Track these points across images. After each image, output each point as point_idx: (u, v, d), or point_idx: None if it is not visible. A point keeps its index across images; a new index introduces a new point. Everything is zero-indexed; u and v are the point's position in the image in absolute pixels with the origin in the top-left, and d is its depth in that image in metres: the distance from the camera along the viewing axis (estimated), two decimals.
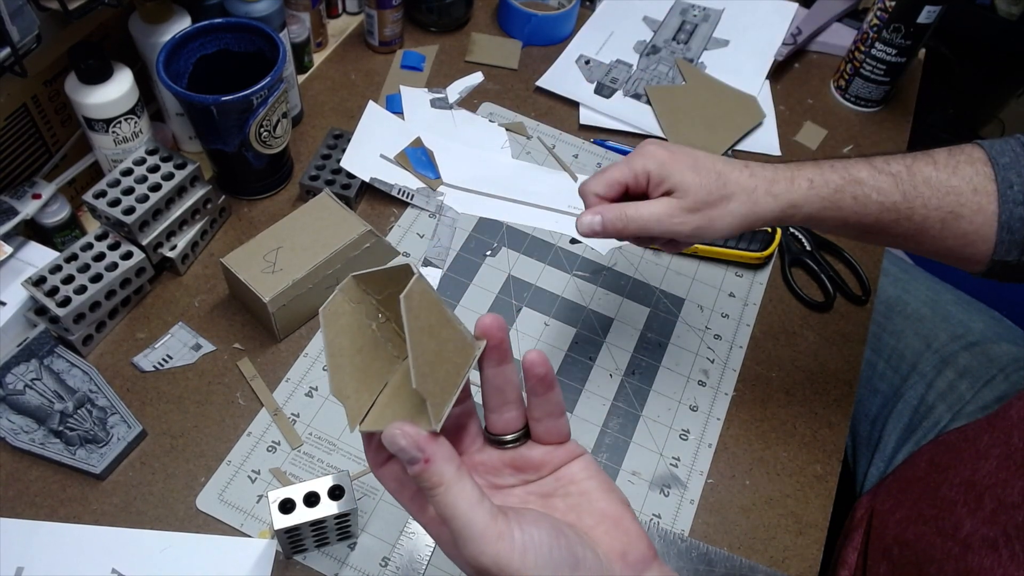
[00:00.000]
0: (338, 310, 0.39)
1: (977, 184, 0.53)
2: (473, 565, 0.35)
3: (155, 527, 0.59)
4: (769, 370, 0.73)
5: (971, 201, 0.53)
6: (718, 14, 1.04)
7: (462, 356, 0.38)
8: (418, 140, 0.84)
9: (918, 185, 0.54)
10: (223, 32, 0.72)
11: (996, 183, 0.53)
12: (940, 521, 0.57)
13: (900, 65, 0.91)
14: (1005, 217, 0.53)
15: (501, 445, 0.41)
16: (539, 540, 0.35)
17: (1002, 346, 0.79)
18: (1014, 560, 0.49)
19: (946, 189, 0.53)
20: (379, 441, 0.39)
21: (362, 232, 0.69)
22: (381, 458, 0.40)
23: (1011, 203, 0.53)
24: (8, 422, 0.61)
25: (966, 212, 0.53)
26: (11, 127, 0.67)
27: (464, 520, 0.34)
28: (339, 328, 0.39)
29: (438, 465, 0.35)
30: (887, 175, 0.54)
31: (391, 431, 0.35)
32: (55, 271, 0.65)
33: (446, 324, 0.38)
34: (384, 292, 0.41)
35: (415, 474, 0.35)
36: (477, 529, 0.34)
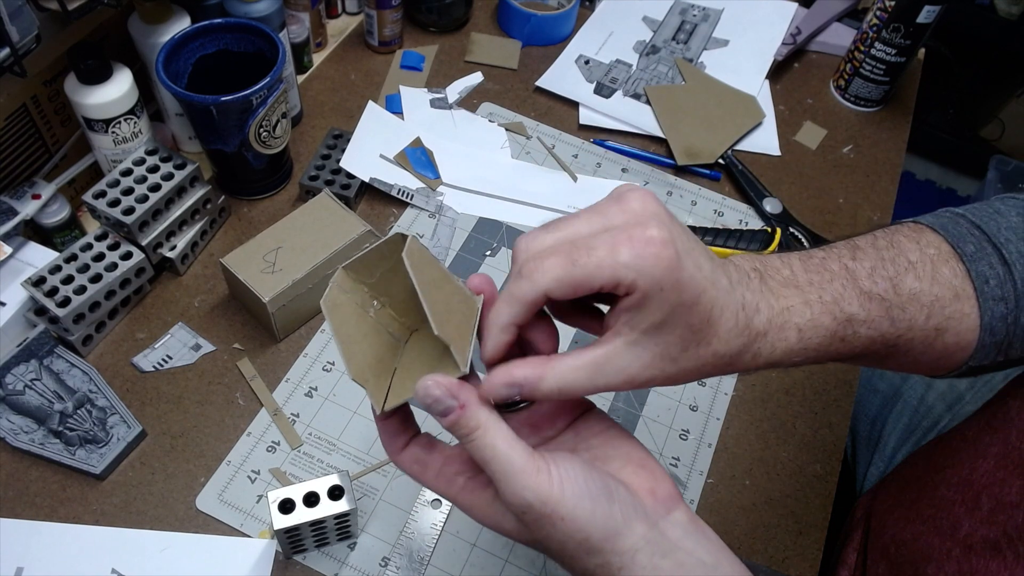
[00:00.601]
0: (336, 300, 0.40)
1: (957, 288, 0.46)
2: (516, 504, 0.36)
3: (155, 527, 0.59)
4: (769, 370, 0.73)
5: (956, 312, 0.46)
6: (718, 14, 1.04)
7: (468, 307, 0.39)
8: (418, 140, 0.84)
9: (907, 306, 0.45)
10: (223, 32, 0.72)
11: (971, 281, 0.46)
12: (938, 521, 0.57)
13: (900, 65, 0.91)
14: (987, 320, 0.46)
15: (512, 408, 0.42)
16: (574, 473, 0.36)
17: None
18: (1020, 562, 0.49)
19: (932, 302, 0.46)
20: (396, 426, 0.40)
21: (362, 232, 0.69)
22: (400, 443, 0.41)
23: (991, 301, 0.46)
24: (8, 422, 0.61)
25: (951, 325, 0.46)
26: (11, 127, 0.67)
27: (504, 458, 0.35)
28: (342, 317, 0.40)
29: (473, 409, 0.36)
30: (876, 301, 0.45)
31: (424, 383, 0.35)
32: (55, 271, 0.65)
33: (447, 280, 0.39)
34: (376, 274, 0.41)
35: (451, 423, 0.36)
36: (518, 465, 0.35)
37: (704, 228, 0.79)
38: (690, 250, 0.37)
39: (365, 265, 0.41)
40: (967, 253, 0.47)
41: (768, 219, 0.83)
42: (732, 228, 0.80)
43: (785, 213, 0.83)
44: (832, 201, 0.86)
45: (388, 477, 0.63)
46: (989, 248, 0.47)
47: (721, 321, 0.38)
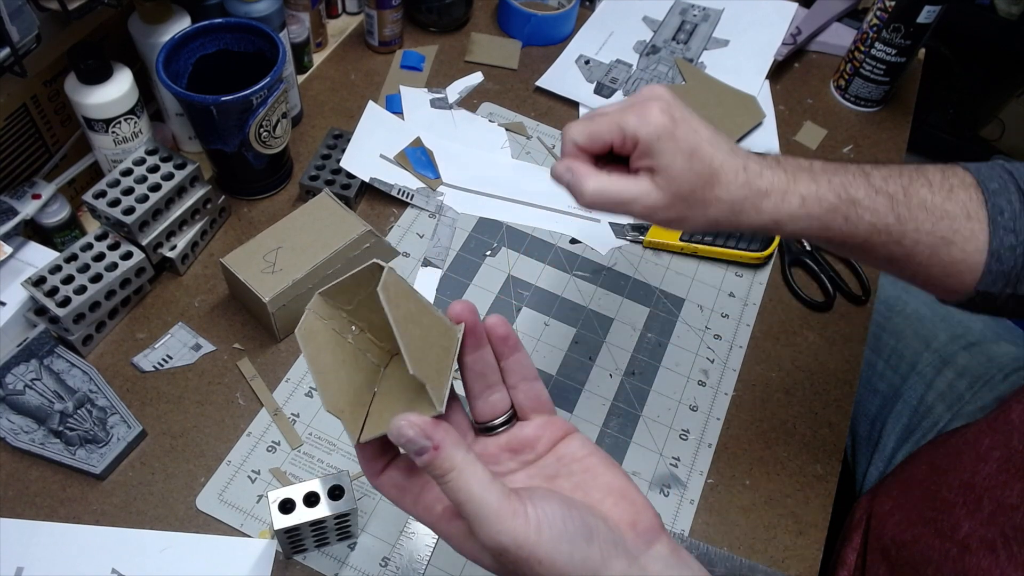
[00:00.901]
0: (312, 328, 0.39)
1: (971, 210, 0.50)
2: (491, 547, 0.35)
3: (155, 527, 0.59)
4: (769, 370, 0.73)
5: (964, 228, 0.50)
6: (718, 14, 1.04)
7: (447, 339, 0.39)
8: (418, 140, 0.84)
9: (913, 208, 0.50)
10: (223, 32, 0.72)
11: (987, 210, 0.50)
12: (938, 523, 0.57)
13: (900, 65, 0.91)
14: (995, 245, 0.50)
15: (492, 431, 0.42)
16: (552, 514, 0.36)
17: (1002, 346, 0.79)
18: (1012, 561, 0.49)
19: (941, 213, 0.50)
20: (374, 450, 0.40)
21: (362, 232, 0.69)
22: (378, 467, 0.40)
23: (1002, 230, 0.50)
24: (8, 422, 0.61)
25: (958, 239, 0.50)
26: (11, 127, 0.67)
27: (478, 502, 0.35)
28: (318, 345, 0.39)
29: (448, 451, 0.35)
30: (884, 195, 0.50)
31: (397, 423, 0.35)
32: (55, 271, 0.65)
33: (425, 311, 0.38)
34: (354, 301, 0.41)
35: (425, 463, 0.35)
36: (492, 509, 0.35)
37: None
38: (687, 119, 0.48)
39: (342, 291, 0.40)
40: (990, 188, 0.51)
41: None
42: None
43: None
44: None
45: None
46: (1013, 188, 0.51)
47: (722, 172, 0.48)
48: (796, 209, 0.49)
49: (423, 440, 0.35)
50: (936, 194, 0.51)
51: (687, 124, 0.48)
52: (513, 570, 0.36)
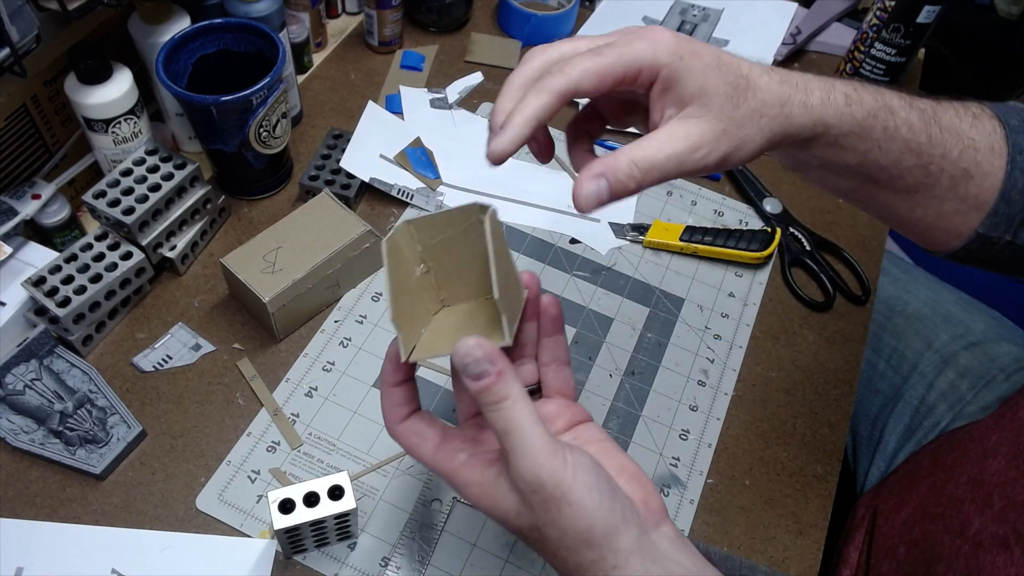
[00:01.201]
0: (396, 244, 0.40)
1: (994, 142, 0.47)
2: (529, 480, 0.36)
3: (155, 527, 0.59)
4: (769, 370, 0.73)
5: (986, 161, 0.47)
6: (718, 14, 1.04)
7: (518, 290, 0.41)
8: (418, 140, 0.84)
9: (944, 130, 0.46)
10: (223, 32, 0.72)
11: (1008, 145, 0.47)
12: (948, 519, 0.57)
13: (900, 65, 0.91)
14: (1008, 185, 0.47)
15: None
16: (586, 464, 0.37)
17: (1003, 346, 0.79)
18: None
19: (968, 141, 0.47)
20: (402, 395, 0.41)
21: (362, 232, 0.69)
22: (401, 413, 0.41)
23: (1018, 171, 0.47)
24: (8, 422, 0.61)
25: (978, 174, 0.47)
26: (11, 127, 0.67)
27: (528, 433, 0.36)
28: (399, 260, 0.40)
29: (508, 379, 0.36)
30: (917, 110, 0.46)
31: (466, 341, 0.36)
32: (55, 271, 0.65)
33: (510, 262, 0.40)
34: (437, 237, 0.41)
35: (483, 388, 0.36)
36: (538, 443, 0.36)
37: (704, 228, 0.79)
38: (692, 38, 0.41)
39: (431, 226, 0.41)
40: (1011, 124, 0.48)
41: (768, 219, 0.83)
42: (732, 228, 0.80)
43: (785, 213, 0.83)
44: (832, 201, 0.86)
45: (388, 477, 0.63)
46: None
47: (754, 75, 0.41)
48: (842, 107, 0.44)
49: (487, 364, 0.35)
50: (962, 119, 0.48)
51: (699, 44, 0.41)
52: (541, 512, 0.37)
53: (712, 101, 0.40)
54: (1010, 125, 0.48)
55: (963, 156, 0.46)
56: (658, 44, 0.39)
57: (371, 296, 0.73)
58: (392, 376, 0.41)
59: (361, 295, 0.73)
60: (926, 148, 0.46)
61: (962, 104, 0.48)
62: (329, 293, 0.71)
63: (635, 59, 0.39)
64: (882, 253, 0.83)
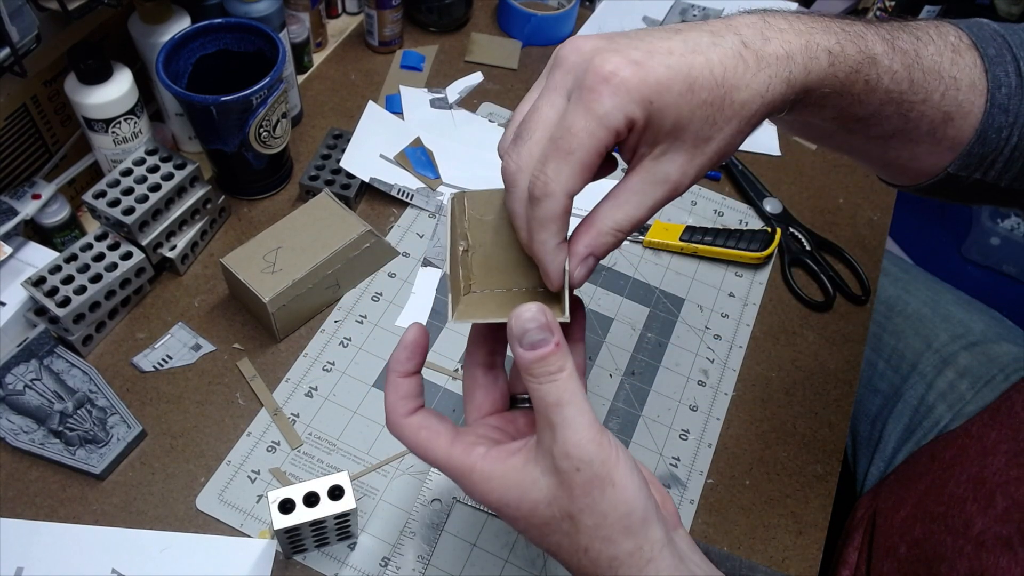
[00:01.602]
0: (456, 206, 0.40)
1: (975, 78, 0.44)
2: (577, 455, 0.35)
3: (155, 527, 0.59)
4: (769, 370, 0.73)
5: (966, 100, 0.44)
6: (718, 14, 1.03)
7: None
8: (418, 140, 0.84)
9: (927, 73, 0.43)
10: (223, 32, 0.72)
11: (987, 80, 0.44)
12: (949, 518, 0.57)
13: None
14: (984, 125, 0.44)
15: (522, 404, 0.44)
16: (625, 449, 0.37)
17: (1002, 346, 0.79)
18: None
19: (949, 81, 0.43)
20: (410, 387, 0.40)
21: (362, 232, 0.69)
22: (409, 407, 0.40)
23: (996, 108, 0.44)
24: (8, 422, 0.61)
25: (957, 116, 0.44)
26: (11, 127, 0.67)
27: (581, 407, 0.35)
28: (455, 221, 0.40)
29: (564, 351, 0.35)
30: (900, 52, 0.42)
31: (529, 307, 0.35)
32: (55, 271, 0.65)
33: None
34: (490, 215, 0.40)
35: (539, 358, 0.35)
36: (587, 419, 0.35)
37: (704, 228, 0.79)
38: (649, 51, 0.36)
39: (484, 200, 0.40)
40: (988, 54, 0.45)
41: (768, 219, 0.83)
42: (732, 228, 0.80)
43: (785, 213, 0.83)
44: (832, 201, 0.86)
45: (388, 477, 0.63)
46: (1009, 58, 0.45)
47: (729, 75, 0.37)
48: (825, 69, 0.39)
49: (547, 332, 0.35)
50: (943, 55, 0.44)
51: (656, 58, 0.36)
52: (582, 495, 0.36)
53: (687, 131, 0.37)
54: (988, 56, 0.44)
55: (945, 98, 0.44)
56: (620, 96, 0.35)
57: (371, 296, 0.73)
58: (404, 364, 0.40)
59: (361, 295, 0.73)
60: (908, 96, 0.43)
61: (938, 32, 0.45)
62: (329, 293, 0.71)
63: (608, 133, 0.36)
64: (882, 253, 0.83)
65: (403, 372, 0.40)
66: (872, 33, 0.41)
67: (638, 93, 0.35)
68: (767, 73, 0.37)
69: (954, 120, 0.44)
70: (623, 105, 0.35)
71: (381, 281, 0.74)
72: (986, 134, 0.44)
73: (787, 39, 0.38)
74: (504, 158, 0.38)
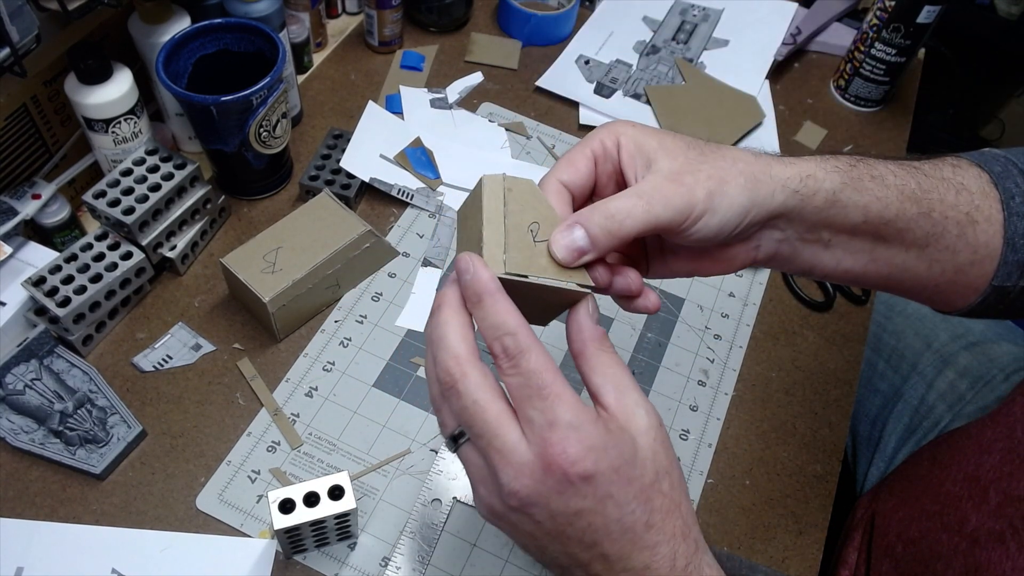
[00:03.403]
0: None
1: (984, 186, 0.46)
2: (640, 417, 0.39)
3: (155, 527, 0.59)
4: (769, 370, 0.73)
5: (984, 204, 0.46)
6: (718, 14, 1.04)
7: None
8: (418, 140, 0.84)
9: (929, 176, 0.46)
10: (223, 32, 0.72)
11: (998, 191, 0.46)
12: (945, 516, 0.57)
13: (900, 65, 0.91)
14: (1010, 232, 0.46)
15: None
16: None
17: (1002, 346, 0.79)
18: (1022, 552, 0.49)
19: (958, 185, 0.46)
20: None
21: (362, 232, 0.69)
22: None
23: (1015, 216, 0.46)
24: (8, 422, 0.61)
25: (980, 217, 0.46)
26: (11, 127, 0.67)
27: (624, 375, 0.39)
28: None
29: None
30: (892, 161, 0.46)
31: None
32: (55, 271, 0.65)
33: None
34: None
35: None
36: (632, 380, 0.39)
37: None
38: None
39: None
40: (993, 171, 0.47)
41: None
42: None
43: None
44: None
45: (388, 477, 0.63)
46: (1016, 172, 0.47)
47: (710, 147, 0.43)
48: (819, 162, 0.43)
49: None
50: (942, 168, 0.47)
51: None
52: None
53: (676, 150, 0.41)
54: (993, 172, 0.47)
55: (960, 199, 0.46)
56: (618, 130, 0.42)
57: (371, 296, 0.73)
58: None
59: (361, 295, 0.73)
60: (921, 194, 0.45)
61: (935, 156, 0.48)
62: (329, 293, 0.71)
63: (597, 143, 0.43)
64: None
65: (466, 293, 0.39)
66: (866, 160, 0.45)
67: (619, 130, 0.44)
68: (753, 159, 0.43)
69: (979, 223, 0.46)
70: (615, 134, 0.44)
71: (381, 281, 0.74)
72: (1013, 240, 0.46)
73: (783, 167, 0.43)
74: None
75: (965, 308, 0.50)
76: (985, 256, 0.47)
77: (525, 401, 0.36)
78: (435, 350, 0.37)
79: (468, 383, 0.36)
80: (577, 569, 0.38)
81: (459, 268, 0.38)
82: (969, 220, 0.46)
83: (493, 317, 0.36)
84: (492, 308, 0.36)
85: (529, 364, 0.35)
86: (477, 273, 0.37)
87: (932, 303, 0.51)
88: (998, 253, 0.46)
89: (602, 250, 0.40)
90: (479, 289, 0.37)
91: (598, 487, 0.35)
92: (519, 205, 0.40)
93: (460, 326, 0.37)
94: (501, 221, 0.39)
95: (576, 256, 0.40)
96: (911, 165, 0.46)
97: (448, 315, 0.37)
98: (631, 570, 0.37)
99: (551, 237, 0.40)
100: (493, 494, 0.37)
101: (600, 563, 0.37)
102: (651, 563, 0.37)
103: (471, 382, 0.36)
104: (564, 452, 0.34)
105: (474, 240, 0.40)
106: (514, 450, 0.35)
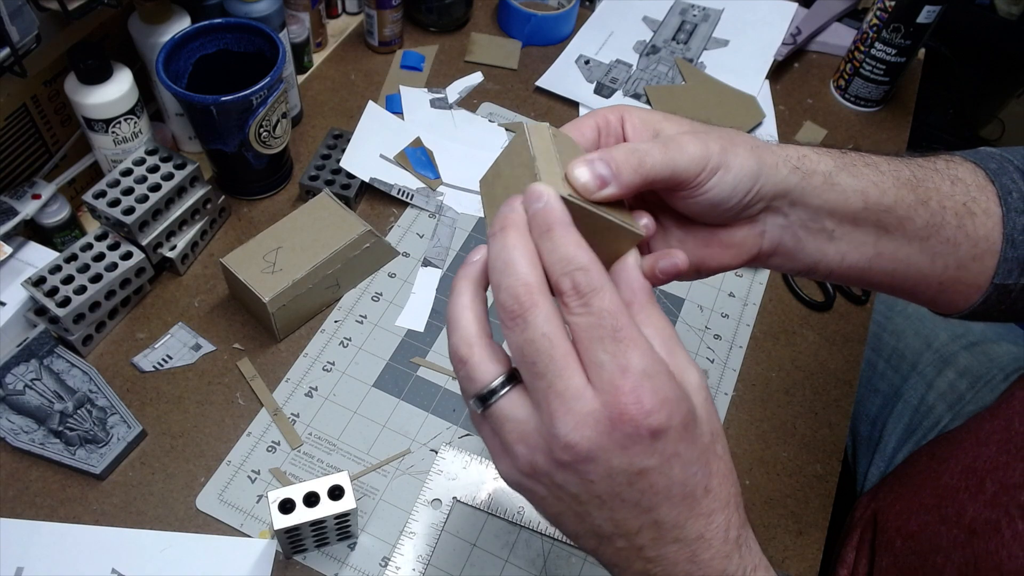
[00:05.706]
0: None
1: (980, 181, 0.46)
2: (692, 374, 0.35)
3: (155, 527, 0.59)
4: (769, 370, 0.73)
5: (981, 197, 0.45)
6: (718, 14, 1.04)
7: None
8: (418, 140, 0.84)
9: (922, 167, 0.45)
10: (223, 32, 0.72)
11: (995, 186, 0.46)
12: (943, 509, 0.57)
13: (900, 65, 0.91)
14: (1009, 228, 0.45)
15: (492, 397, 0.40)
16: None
17: (1002, 346, 0.79)
18: (1017, 539, 0.49)
19: (953, 177, 0.45)
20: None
21: (362, 232, 0.69)
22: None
23: (1014, 212, 0.45)
24: (8, 422, 0.61)
25: (978, 209, 0.45)
26: (11, 127, 0.67)
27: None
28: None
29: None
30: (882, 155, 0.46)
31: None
32: (55, 271, 0.65)
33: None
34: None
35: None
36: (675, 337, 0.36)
37: None
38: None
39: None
40: (989, 168, 0.47)
41: None
42: None
43: None
44: None
45: (388, 477, 0.63)
46: (1012, 168, 0.47)
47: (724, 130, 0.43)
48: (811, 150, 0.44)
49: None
50: (935, 162, 0.46)
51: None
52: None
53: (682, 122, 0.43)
54: (989, 168, 0.47)
55: (956, 189, 0.45)
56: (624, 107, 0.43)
57: (371, 296, 0.73)
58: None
59: (361, 295, 0.73)
60: (916, 182, 0.44)
61: (928, 152, 0.48)
62: (329, 293, 0.71)
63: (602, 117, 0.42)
64: None
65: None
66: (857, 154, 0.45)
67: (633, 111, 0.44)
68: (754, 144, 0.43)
69: (977, 215, 0.45)
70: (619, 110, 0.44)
71: (381, 281, 0.74)
72: (1012, 236, 0.46)
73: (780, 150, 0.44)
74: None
75: (967, 309, 0.49)
76: (986, 251, 0.46)
77: (596, 343, 0.32)
78: (499, 276, 0.33)
79: (538, 314, 0.32)
80: (620, 539, 0.34)
81: (531, 197, 0.34)
82: (967, 211, 0.45)
83: (564, 249, 0.33)
84: (563, 239, 0.33)
85: (603, 303, 0.32)
86: (550, 202, 0.33)
87: (935, 304, 0.50)
88: (998, 248, 0.46)
89: (623, 184, 0.37)
90: (550, 219, 0.33)
91: (667, 444, 0.32)
92: (565, 149, 0.39)
93: (530, 252, 0.33)
94: (555, 158, 0.37)
95: (599, 184, 0.37)
96: (901, 158, 0.46)
97: (515, 239, 0.34)
98: (682, 541, 0.33)
99: (571, 163, 0.37)
100: (538, 449, 0.33)
101: (651, 531, 0.33)
102: (705, 532, 0.34)
103: (541, 313, 0.32)
104: (639, 401, 0.31)
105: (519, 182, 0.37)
106: (579, 395, 0.31)
